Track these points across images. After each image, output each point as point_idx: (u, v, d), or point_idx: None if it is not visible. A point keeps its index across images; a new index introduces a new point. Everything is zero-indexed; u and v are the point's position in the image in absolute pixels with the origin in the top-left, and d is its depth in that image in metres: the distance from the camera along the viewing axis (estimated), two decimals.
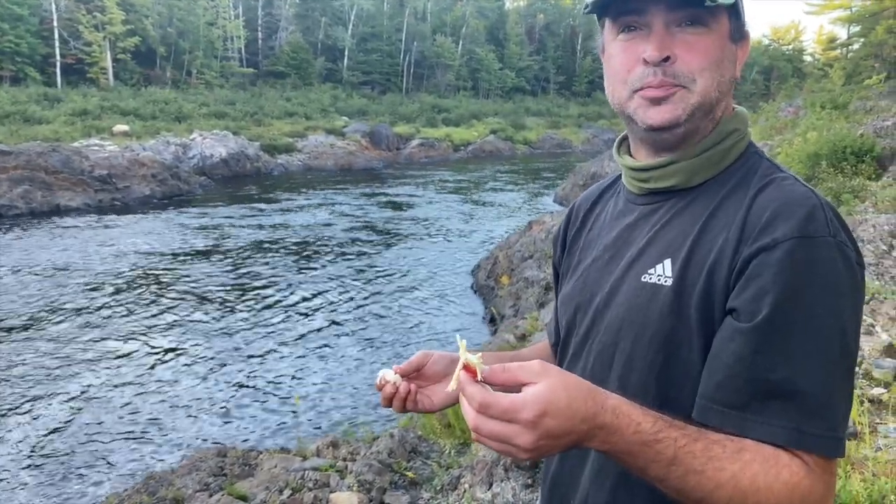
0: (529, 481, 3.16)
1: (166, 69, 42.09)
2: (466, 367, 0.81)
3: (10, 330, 8.66)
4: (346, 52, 51.41)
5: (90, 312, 9.44)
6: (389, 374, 1.14)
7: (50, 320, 9.07)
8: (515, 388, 0.79)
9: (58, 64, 36.80)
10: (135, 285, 10.85)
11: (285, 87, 45.16)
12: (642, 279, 1.00)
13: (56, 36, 36.92)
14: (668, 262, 0.98)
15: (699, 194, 1.01)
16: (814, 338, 0.84)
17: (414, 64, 55.00)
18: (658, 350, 0.96)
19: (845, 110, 17.47)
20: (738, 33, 1.01)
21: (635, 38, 0.99)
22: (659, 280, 0.98)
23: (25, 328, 8.74)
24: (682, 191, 1.03)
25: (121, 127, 26.13)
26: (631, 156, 1.12)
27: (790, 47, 70.54)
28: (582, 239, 1.21)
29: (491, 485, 3.30)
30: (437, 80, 56.31)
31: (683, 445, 0.81)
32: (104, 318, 9.25)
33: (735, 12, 1.00)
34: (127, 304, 9.90)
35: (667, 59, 0.97)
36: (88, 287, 10.63)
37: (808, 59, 66.97)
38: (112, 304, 9.86)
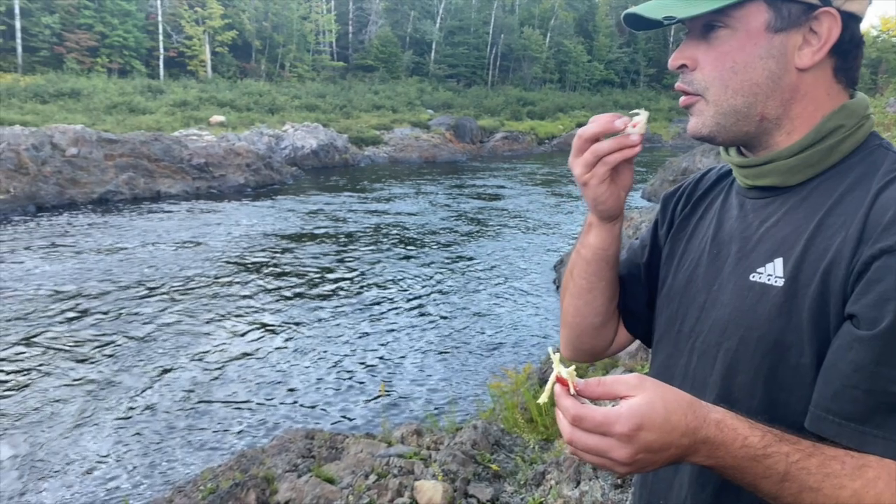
0: (619, 481, 3.09)
1: (261, 62, 43.50)
2: (560, 380, 0.80)
3: (119, 303, 9.19)
4: (434, 46, 51.73)
5: (191, 291, 9.90)
6: (643, 118, 1.00)
7: (150, 298, 9.56)
8: (613, 400, 0.78)
9: (161, 57, 38.67)
10: (235, 268, 11.31)
11: (373, 80, 45.83)
12: (751, 278, 0.95)
13: (160, 30, 38.78)
14: (779, 262, 0.92)
15: (814, 189, 0.94)
16: None
17: (500, 57, 54.80)
18: (766, 353, 0.91)
19: None
20: (786, 20, 0.90)
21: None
22: (769, 280, 0.92)
23: (133, 301, 9.27)
24: (795, 185, 0.96)
25: (217, 118, 27.19)
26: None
27: None
28: (690, 226, 1.15)
29: (578, 483, 3.25)
30: (522, 72, 55.88)
31: (797, 461, 0.77)
32: (204, 297, 9.68)
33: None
34: (227, 285, 10.33)
35: (683, 66, 0.97)
36: (192, 266, 11.15)
37: None
38: (213, 284, 10.31)
